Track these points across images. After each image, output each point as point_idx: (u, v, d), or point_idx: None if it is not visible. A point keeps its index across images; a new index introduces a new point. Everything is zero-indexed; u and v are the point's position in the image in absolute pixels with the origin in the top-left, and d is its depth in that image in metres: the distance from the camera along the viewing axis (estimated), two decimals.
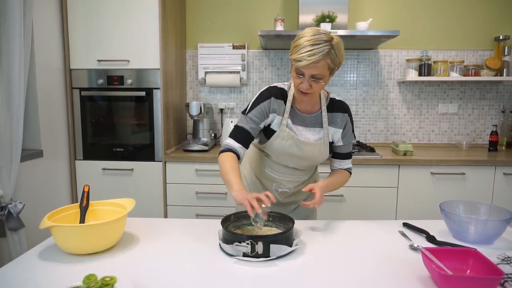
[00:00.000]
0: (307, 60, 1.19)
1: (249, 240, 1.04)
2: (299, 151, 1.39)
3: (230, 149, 1.35)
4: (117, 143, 2.52)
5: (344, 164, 1.50)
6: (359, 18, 2.85)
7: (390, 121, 3.01)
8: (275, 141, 1.39)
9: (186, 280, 0.95)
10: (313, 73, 1.23)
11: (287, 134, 1.37)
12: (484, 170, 2.40)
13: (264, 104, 1.37)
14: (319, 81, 1.25)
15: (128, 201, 1.25)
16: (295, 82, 1.30)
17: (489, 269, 0.90)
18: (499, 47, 2.80)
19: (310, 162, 1.45)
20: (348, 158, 1.50)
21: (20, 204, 1.82)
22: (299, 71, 1.24)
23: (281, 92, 1.40)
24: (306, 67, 1.21)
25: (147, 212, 2.47)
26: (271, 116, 1.38)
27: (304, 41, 1.20)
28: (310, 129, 1.41)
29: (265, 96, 1.38)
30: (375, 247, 1.16)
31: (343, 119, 1.42)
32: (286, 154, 1.40)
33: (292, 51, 1.24)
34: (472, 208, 1.29)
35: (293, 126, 1.39)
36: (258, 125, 1.38)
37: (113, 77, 2.47)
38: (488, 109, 2.96)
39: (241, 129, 1.37)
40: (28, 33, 1.92)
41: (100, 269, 0.99)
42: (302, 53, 1.19)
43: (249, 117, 1.37)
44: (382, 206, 2.45)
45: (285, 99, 1.39)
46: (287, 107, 1.38)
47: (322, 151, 1.41)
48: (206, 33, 2.99)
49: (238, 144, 1.36)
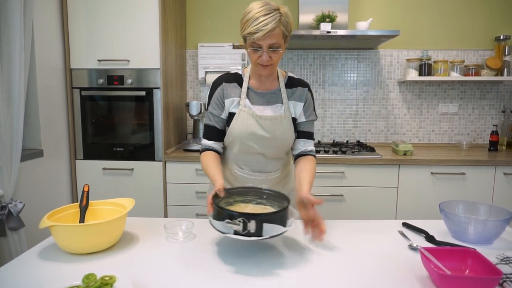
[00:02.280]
0: (263, 30, 1.20)
1: (241, 218, 0.98)
2: (262, 129, 1.37)
3: (206, 148, 1.42)
4: (117, 142, 2.52)
5: (308, 145, 1.45)
6: (359, 18, 2.85)
7: (390, 121, 3.01)
8: (236, 123, 1.38)
9: (186, 280, 0.95)
10: (270, 43, 1.24)
11: (246, 113, 1.37)
12: (484, 170, 2.40)
13: (217, 93, 1.40)
14: (278, 49, 1.26)
15: (128, 200, 1.26)
16: (253, 58, 1.30)
17: (488, 269, 0.90)
18: (500, 47, 2.80)
19: (276, 142, 1.40)
20: (311, 138, 1.46)
21: (20, 203, 1.82)
22: (256, 45, 1.25)
23: (233, 76, 1.43)
24: (263, 38, 1.22)
25: (147, 212, 2.47)
26: (227, 102, 1.39)
27: (255, 13, 1.22)
28: (270, 106, 1.41)
29: (215, 84, 1.42)
30: (374, 247, 1.16)
31: (303, 93, 1.43)
32: (249, 136, 1.37)
33: (244, 26, 1.25)
34: (472, 208, 1.29)
35: (252, 106, 1.39)
36: (219, 116, 1.41)
37: (113, 76, 2.47)
38: (489, 109, 2.96)
39: (208, 127, 1.43)
40: (29, 33, 1.92)
41: (100, 269, 0.99)
42: (256, 25, 1.20)
43: (209, 111, 1.42)
44: (382, 206, 2.45)
45: (240, 82, 1.41)
46: (243, 87, 1.40)
47: (285, 126, 1.39)
48: (206, 33, 3.00)
49: (211, 142, 1.42)
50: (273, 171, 1.48)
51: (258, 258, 1.07)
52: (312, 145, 1.46)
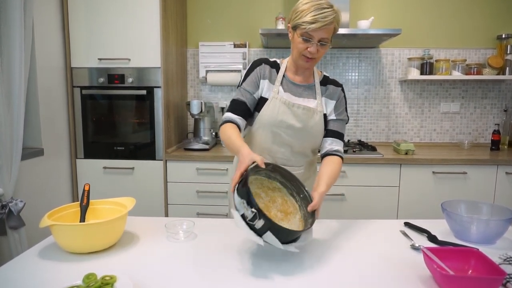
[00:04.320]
0: (322, 22, 1.21)
1: (257, 211, 0.95)
2: (293, 117, 1.35)
3: (229, 120, 1.34)
4: (118, 141, 2.52)
5: (335, 145, 1.39)
6: (360, 17, 2.84)
7: (392, 120, 3.00)
8: (267, 109, 1.36)
9: (187, 280, 0.94)
10: (322, 36, 1.25)
11: (278, 101, 1.36)
12: (486, 169, 2.39)
13: (255, 72, 1.40)
14: (326, 44, 1.28)
15: (128, 200, 1.25)
16: (300, 48, 1.29)
17: (491, 269, 0.89)
18: (502, 46, 2.78)
19: (306, 134, 1.38)
20: (340, 139, 1.41)
21: (21, 202, 1.82)
22: (308, 35, 1.25)
23: (273, 63, 1.43)
24: (318, 30, 1.23)
25: (147, 211, 2.47)
26: (262, 83, 1.39)
27: (310, 5, 1.23)
28: (303, 99, 1.40)
29: (256, 63, 1.42)
30: (376, 247, 1.15)
31: (336, 92, 1.44)
32: (279, 123, 1.35)
33: (300, 15, 1.25)
34: (474, 207, 1.28)
35: (285, 94, 1.38)
36: (252, 94, 1.38)
37: (114, 75, 2.47)
38: (490, 108, 2.95)
39: (237, 101, 1.37)
40: (29, 32, 1.92)
41: (100, 268, 0.99)
42: (315, 15, 1.21)
43: (243, 87, 1.39)
44: (384, 206, 2.44)
45: (278, 68, 1.42)
46: (279, 76, 1.40)
47: (316, 120, 1.38)
48: (207, 32, 2.99)
49: (237, 116, 1.36)
50: (297, 166, 1.44)
51: (259, 258, 1.07)
52: (340, 146, 1.40)
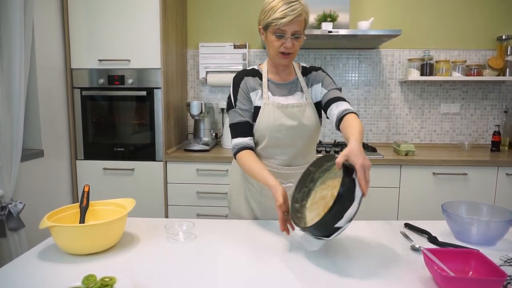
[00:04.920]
0: (292, 15, 1.24)
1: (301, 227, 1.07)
2: (289, 118, 1.37)
3: (243, 147, 1.34)
4: (117, 142, 2.52)
5: (342, 105, 1.31)
6: (360, 18, 2.85)
7: (392, 121, 3.00)
8: (262, 116, 1.37)
9: (187, 281, 0.94)
10: (295, 29, 1.28)
11: (271, 106, 1.37)
12: (486, 170, 2.39)
13: (242, 88, 1.40)
14: (300, 37, 1.31)
15: (128, 201, 1.25)
16: (276, 45, 1.31)
17: (492, 271, 0.89)
18: (502, 47, 2.78)
19: (305, 130, 1.39)
20: (342, 100, 1.34)
21: (21, 204, 1.82)
22: (281, 31, 1.28)
23: (252, 71, 1.45)
24: (289, 24, 1.25)
25: (147, 212, 2.46)
26: (252, 95, 1.40)
27: (277, 2, 1.26)
28: (292, 96, 1.42)
29: (237, 80, 1.42)
30: (376, 248, 1.15)
31: (318, 74, 1.45)
32: (278, 127, 1.36)
33: (269, 13, 1.29)
34: (475, 208, 1.28)
35: (275, 97, 1.40)
36: (250, 110, 1.39)
37: (114, 76, 2.47)
38: (491, 109, 2.95)
39: (240, 124, 1.37)
40: (29, 33, 1.92)
41: (100, 269, 0.98)
42: (283, 10, 1.25)
43: (238, 107, 1.39)
44: (384, 206, 2.44)
45: (259, 75, 1.43)
46: (264, 82, 1.41)
47: (309, 114, 1.40)
48: (207, 33, 2.99)
49: (247, 138, 1.36)
50: (303, 164, 1.44)
51: (258, 259, 1.06)
52: (346, 105, 1.31)
